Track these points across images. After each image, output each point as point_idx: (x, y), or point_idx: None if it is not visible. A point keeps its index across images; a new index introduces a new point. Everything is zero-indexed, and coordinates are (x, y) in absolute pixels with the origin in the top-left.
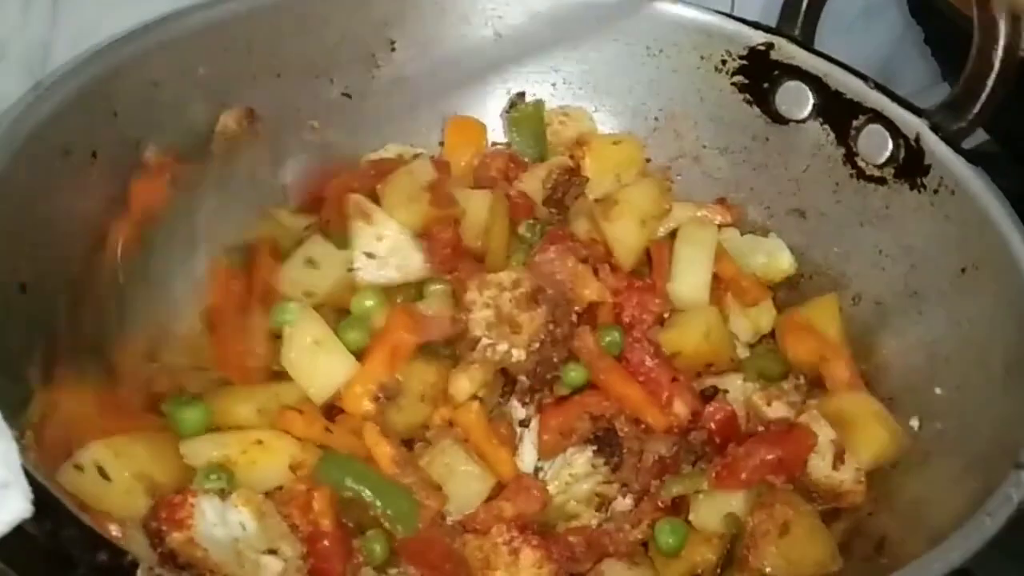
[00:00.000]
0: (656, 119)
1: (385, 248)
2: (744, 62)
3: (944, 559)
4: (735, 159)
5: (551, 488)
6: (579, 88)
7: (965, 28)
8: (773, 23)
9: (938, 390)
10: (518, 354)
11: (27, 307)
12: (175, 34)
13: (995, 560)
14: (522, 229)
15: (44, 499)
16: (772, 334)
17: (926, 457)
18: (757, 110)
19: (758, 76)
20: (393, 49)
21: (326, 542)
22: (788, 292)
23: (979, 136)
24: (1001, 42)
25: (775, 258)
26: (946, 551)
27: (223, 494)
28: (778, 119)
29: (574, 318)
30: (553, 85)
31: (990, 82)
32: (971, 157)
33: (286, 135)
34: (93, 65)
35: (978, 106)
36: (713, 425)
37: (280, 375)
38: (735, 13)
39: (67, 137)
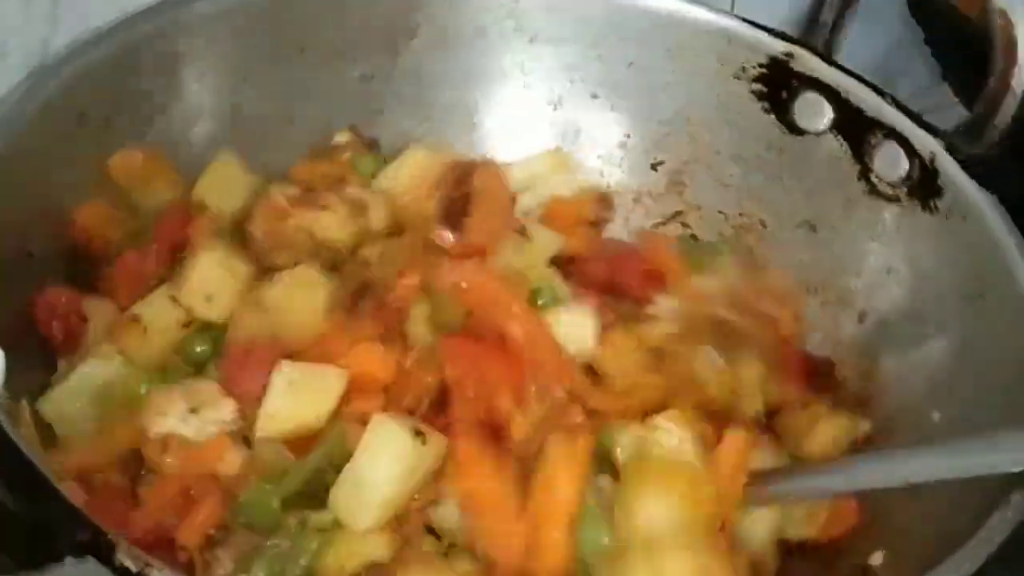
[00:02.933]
0: (671, 122)
1: None
2: (764, 70)
3: None
4: (749, 167)
5: None
6: (596, 86)
7: (965, 28)
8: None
9: (936, 415)
10: None
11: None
12: (203, 10)
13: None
14: None
15: (28, 474)
16: None
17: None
18: (774, 119)
19: (777, 85)
20: (415, 36)
21: None
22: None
23: None
24: (1021, 63)
25: None
26: None
27: None
28: (795, 130)
29: None
30: (571, 82)
31: (1009, 104)
32: (985, 182)
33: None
34: (115, 35)
35: (996, 129)
36: None
37: None
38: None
39: (83, 104)
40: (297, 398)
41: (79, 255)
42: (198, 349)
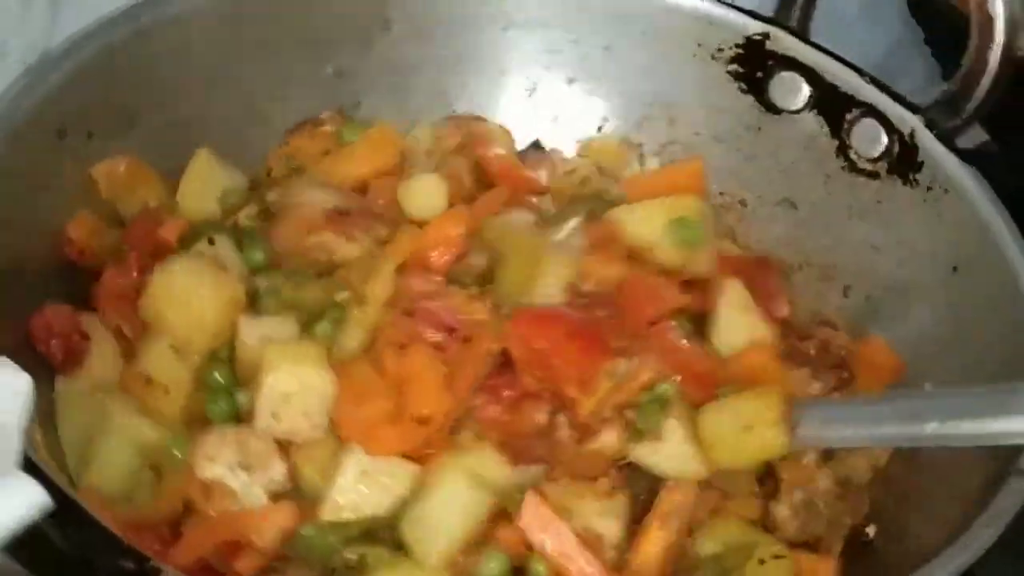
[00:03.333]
0: (649, 104)
1: None
2: (740, 51)
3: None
4: (728, 147)
5: None
6: (572, 71)
7: (965, 28)
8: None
9: (927, 388)
10: None
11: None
12: (172, 12)
13: (998, 558)
14: None
15: (63, 502)
16: None
17: (915, 455)
18: (751, 99)
19: (753, 65)
20: (389, 28)
21: None
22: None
23: (979, 136)
24: (997, 40)
25: None
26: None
27: None
28: (772, 109)
29: None
30: (546, 68)
31: (985, 81)
32: (965, 156)
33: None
34: (88, 45)
35: (973, 104)
36: None
37: None
38: None
39: (62, 118)
40: (367, 490)
41: (75, 271)
42: (217, 376)
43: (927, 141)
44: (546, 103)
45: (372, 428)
